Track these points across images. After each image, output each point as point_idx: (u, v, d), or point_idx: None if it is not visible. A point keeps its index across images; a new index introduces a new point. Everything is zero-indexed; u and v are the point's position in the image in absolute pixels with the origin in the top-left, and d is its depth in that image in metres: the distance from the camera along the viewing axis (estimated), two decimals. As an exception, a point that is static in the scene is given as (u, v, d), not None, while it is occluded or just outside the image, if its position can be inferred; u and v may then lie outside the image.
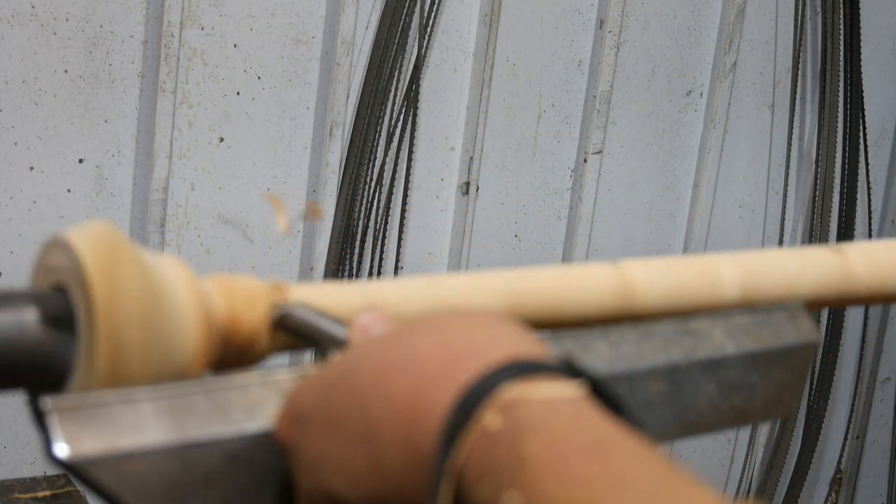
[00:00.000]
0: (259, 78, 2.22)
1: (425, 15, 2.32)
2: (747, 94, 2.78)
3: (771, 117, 2.83)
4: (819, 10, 2.76)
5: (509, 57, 2.46)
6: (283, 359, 0.66)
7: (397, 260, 2.42)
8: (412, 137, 2.37)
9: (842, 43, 2.76)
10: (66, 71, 2.05)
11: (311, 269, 2.31)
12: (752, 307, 0.71)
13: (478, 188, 2.47)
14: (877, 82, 2.92)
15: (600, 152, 2.57)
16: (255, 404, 0.56)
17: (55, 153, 2.07)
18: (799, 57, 2.75)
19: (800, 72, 2.78)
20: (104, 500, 0.52)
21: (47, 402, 0.51)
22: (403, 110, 2.34)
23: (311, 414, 0.54)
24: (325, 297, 0.65)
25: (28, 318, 0.55)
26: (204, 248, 2.24)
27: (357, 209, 2.33)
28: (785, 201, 2.83)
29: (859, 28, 2.76)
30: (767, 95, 2.81)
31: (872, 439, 3.22)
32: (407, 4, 2.28)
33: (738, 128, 2.79)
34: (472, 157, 2.44)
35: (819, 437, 2.98)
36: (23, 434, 2.17)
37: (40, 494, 1.95)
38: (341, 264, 2.33)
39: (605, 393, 0.50)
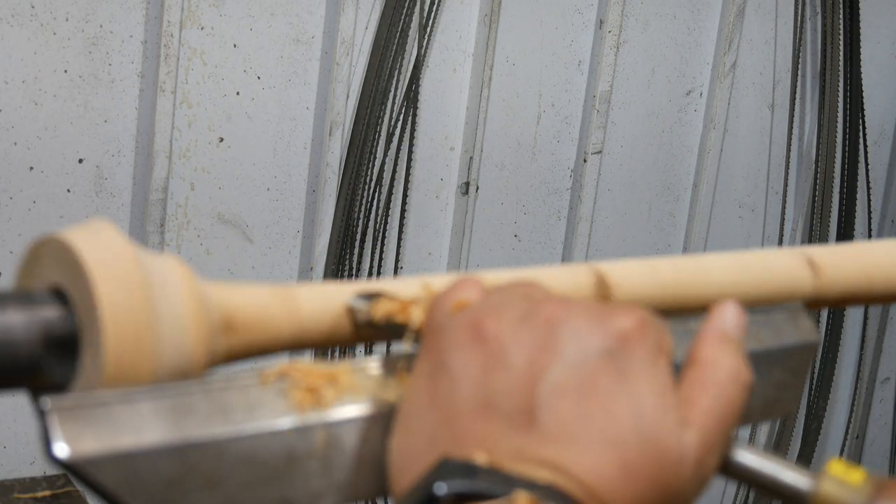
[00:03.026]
0: (259, 78, 2.22)
1: (425, 15, 2.32)
2: (747, 94, 2.78)
3: (771, 117, 2.83)
4: (819, 10, 2.76)
5: (509, 57, 2.46)
6: (283, 359, 0.65)
7: (397, 260, 2.42)
8: (412, 137, 2.37)
9: (842, 43, 2.76)
10: (65, 71, 2.05)
11: (311, 269, 2.31)
12: (752, 307, 0.71)
13: (477, 188, 2.47)
14: (877, 82, 2.92)
15: (600, 152, 2.57)
16: (255, 404, 0.56)
17: (55, 153, 2.07)
18: (799, 57, 2.75)
19: (799, 72, 2.78)
20: (104, 500, 0.52)
21: (47, 401, 0.51)
22: (403, 110, 2.34)
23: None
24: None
25: (26, 318, 0.55)
26: (203, 248, 2.24)
27: (357, 209, 2.33)
28: (784, 201, 2.83)
29: (859, 28, 2.76)
30: (767, 95, 2.81)
31: (872, 439, 3.21)
32: (407, 4, 2.28)
33: (738, 128, 2.79)
34: (471, 157, 2.44)
35: (819, 437, 2.98)
36: (23, 434, 2.17)
37: (40, 494, 1.95)
38: (341, 264, 2.33)
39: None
